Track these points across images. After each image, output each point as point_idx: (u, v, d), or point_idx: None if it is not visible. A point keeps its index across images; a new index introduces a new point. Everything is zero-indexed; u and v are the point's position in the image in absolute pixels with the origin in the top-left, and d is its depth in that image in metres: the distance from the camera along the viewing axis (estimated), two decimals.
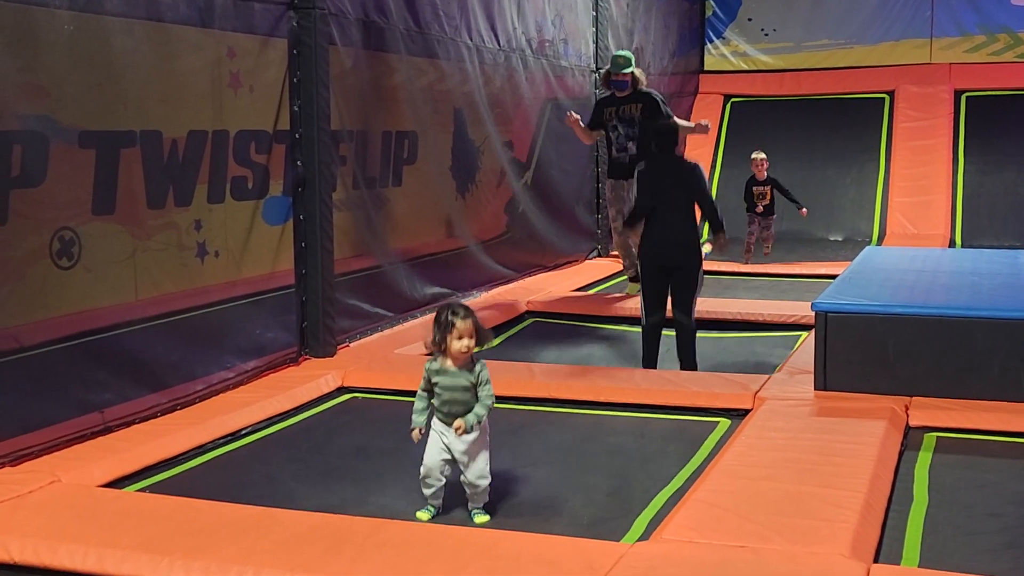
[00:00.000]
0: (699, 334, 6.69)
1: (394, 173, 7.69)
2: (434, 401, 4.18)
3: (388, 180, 7.63)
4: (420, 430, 4.14)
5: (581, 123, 8.54)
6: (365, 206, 7.26)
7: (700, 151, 13.25)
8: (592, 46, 10.84)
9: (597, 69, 10.91)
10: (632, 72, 8.45)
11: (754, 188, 10.56)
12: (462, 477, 4.18)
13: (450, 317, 4.07)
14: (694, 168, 6.54)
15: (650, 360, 6.54)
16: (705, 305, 7.40)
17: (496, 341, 7.47)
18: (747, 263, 10.43)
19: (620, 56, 8.53)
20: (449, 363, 4.12)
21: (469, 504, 4.22)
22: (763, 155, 10.55)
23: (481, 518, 4.17)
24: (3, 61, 4.52)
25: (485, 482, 4.17)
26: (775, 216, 10.71)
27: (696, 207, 6.44)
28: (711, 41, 14.35)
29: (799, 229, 12.59)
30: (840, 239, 12.23)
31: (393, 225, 7.68)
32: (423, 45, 7.86)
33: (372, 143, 7.38)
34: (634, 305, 8.26)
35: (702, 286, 6.57)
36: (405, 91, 7.68)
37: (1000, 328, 5.48)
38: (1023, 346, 5.41)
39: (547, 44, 9.50)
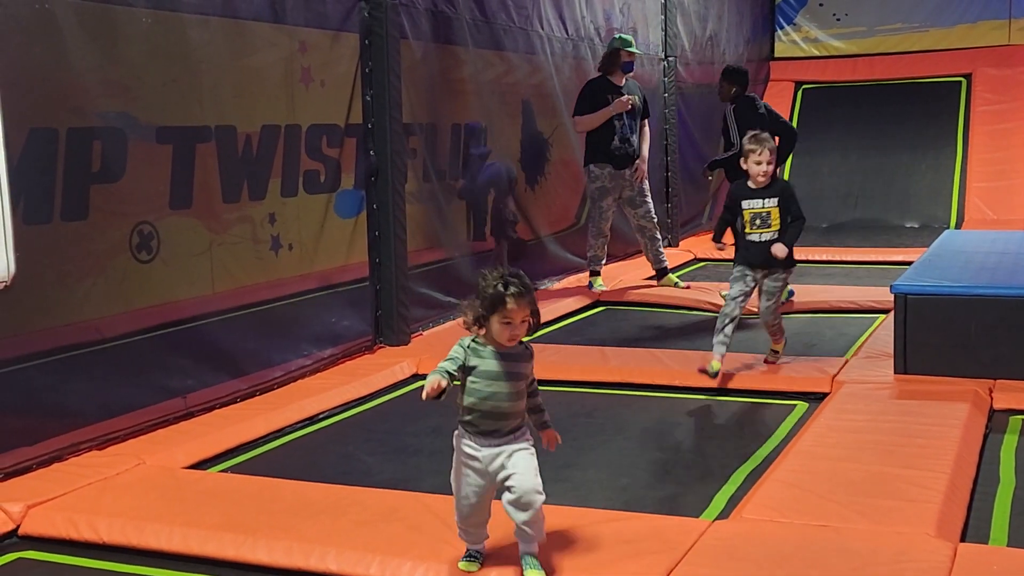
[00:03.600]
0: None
1: (464, 165, 7.72)
2: (465, 401, 3.15)
3: (458, 172, 7.66)
4: (441, 382, 3.05)
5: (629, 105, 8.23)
6: (436, 198, 7.30)
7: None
8: (661, 34, 10.77)
9: (666, 57, 10.84)
10: (635, 56, 8.34)
11: None
12: (507, 499, 3.17)
13: (501, 290, 3.06)
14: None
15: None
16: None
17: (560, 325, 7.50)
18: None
19: (629, 37, 8.39)
20: (490, 348, 3.14)
21: (520, 546, 3.26)
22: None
23: (535, 573, 3.20)
24: (84, 58, 4.62)
25: (540, 499, 3.18)
26: None
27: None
28: (781, 27, 14.18)
29: (874, 217, 12.42)
30: (916, 226, 12.02)
31: (464, 217, 7.71)
32: (490, 36, 7.87)
33: (441, 136, 7.42)
34: (699, 296, 8.22)
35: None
36: (473, 83, 7.70)
37: None
38: None
39: (615, 32, 9.45)
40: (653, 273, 9.39)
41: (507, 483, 3.14)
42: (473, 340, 3.16)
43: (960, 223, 11.84)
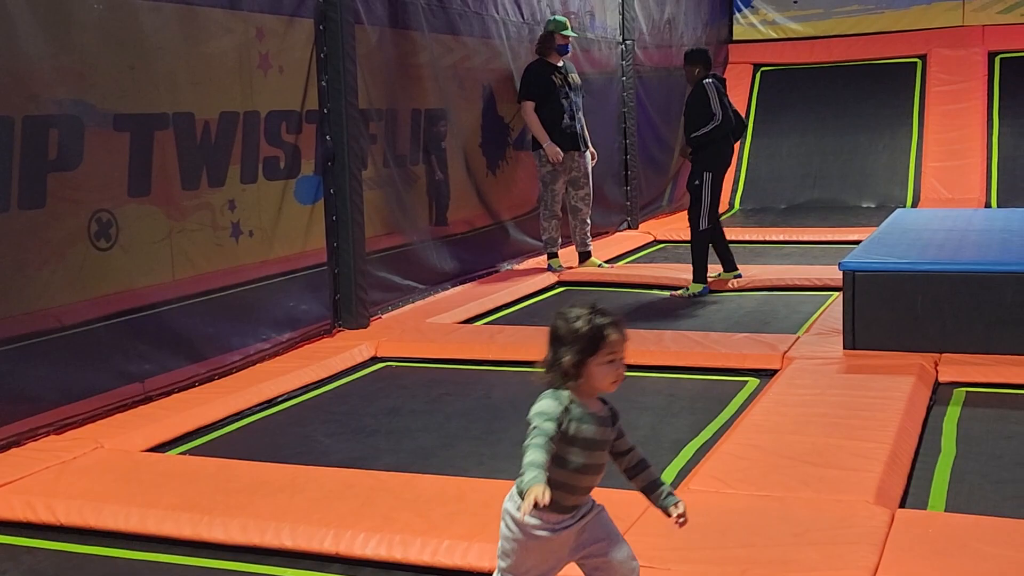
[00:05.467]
0: (730, 294, 7.03)
1: (424, 151, 7.78)
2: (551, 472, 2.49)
3: (418, 158, 7.72)
4: (546, 494, 2.39)
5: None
6: (395, 183, 7.35)
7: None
8: (619, 17, 10.84)
9: (624, 41, 10.92)
10: (572, 39, 8.46)
11: None
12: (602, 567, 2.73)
13: (599, 323, 2.56)
14: None
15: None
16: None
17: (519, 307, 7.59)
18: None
19: (564, 19, 8.53)
20: (582, 408, 2.60)
21: None
22: None
23: None
24: (38, 46, 4.64)
25: (637, 564, 2.79)
26: None
27: None
28: (739, 11, 14.28)
29: (832, 197, 12.58)
30: (873, 206, 12.18)
31: (423, 202, 7.78)
32: (446, 21, 7.92)
33: (400, 121, 7.47)
34: (661, 273, 8.36)
35: None
36: (431, 68, 7.75)
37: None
38: None
39: (573, 16, 9.52)
40: (615, 255, 9.52)
41: (605, 557, 2.72)
42: (560, 392, 2.60)
43: (916, 202, 12.03)
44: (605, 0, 10.57)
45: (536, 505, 2.37)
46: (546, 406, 2.57)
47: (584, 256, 8.80)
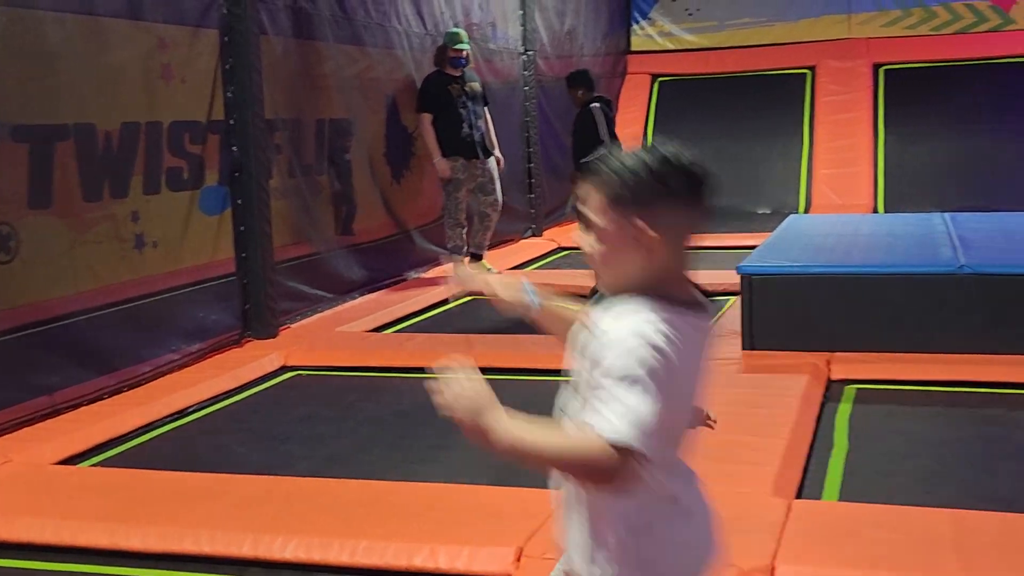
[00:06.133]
0: None
1: (329, 161, 7.82)
2: None
3: (324, 168, 7.76)
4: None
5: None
6: (302, 193, 7.39)
7: (630, 130, 13.50)
8: (520, 28, 11.02)
9: (526, 51, 11.10)
10: (468, 50, 8.62)
11: None
12: None
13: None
14: None
15: None
16: None
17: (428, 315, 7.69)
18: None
19: (459, 32, 8.69)
20: None
21: None
22: None
23: None
24: None
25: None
26: None
27: None
28: (637, 22, 14.59)
29: (729, 204, 12.90)
30: (768, 212, 12.54)
31: (329, 212, 7.82)
32: (350, 31, 7.99)
33: (306, 131, 7.51)
34: (565, 280, 8.50)
35: None
36: (336, 78, 7.81)
37: (914, 283, 5.77)
38: (935, 299, 5.70)
39: (475, 27, 9.66)
40: (519, 262, 9.67)
41: None
42: None
43: (809, 208, 12.43)
44: (507, 11, 10.73)
45: None
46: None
47: (476, 257, 8.92)
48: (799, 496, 4.00)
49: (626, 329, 1.72)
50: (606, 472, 1.65)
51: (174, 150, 6.12)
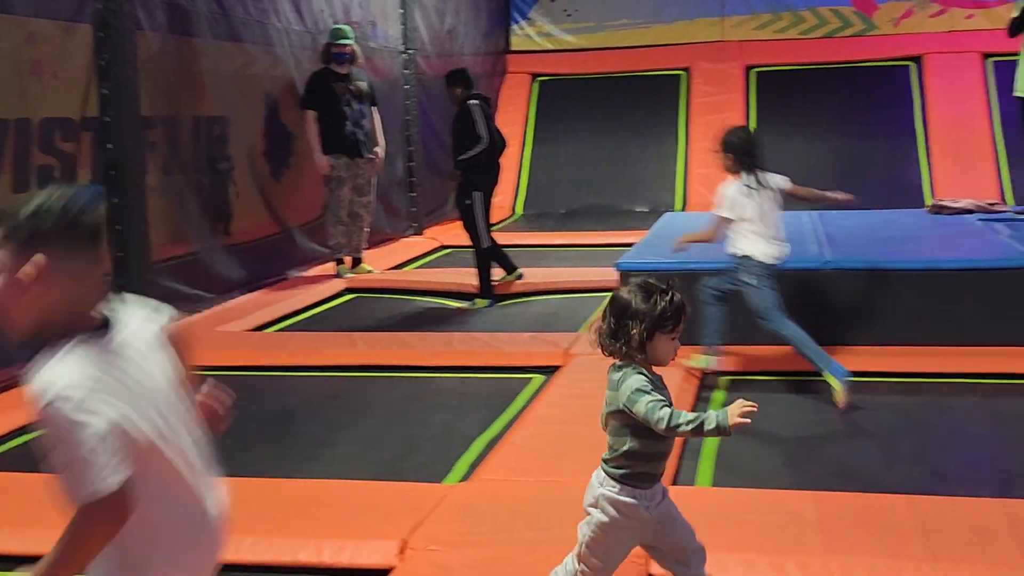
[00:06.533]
0: (516, 301, 7.30)
1: (207, 158, 7.73)
2: (639, 446, 2.73)
3: (202, 166, 7.67)
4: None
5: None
6: (179, 191, 7.29)
7: (511, 128, 13.63)
8: (400, 27, 11.04)
9: (406, 50, 11.12)
10: (353, 46, 8.65)
11: None
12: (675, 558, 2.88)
13: (677, 300, 2.71)
14: None
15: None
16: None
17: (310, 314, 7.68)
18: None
19: (342, 28, 8.71)
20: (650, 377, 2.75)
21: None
22: None
23: None
24: None
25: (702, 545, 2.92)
26: None
27: None
28: (516, 22, 14.74)
29: (607, 202, 13.16)
30: (646, 210, 12.80)
31: (208, 210, 7.73)
32: (228, 28, 7.91)
33: (183, 129, 7.41)
34: (447, 278, 8.59)
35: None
36: (213, 76, 7.73)
37: (784, 278, 5.94)
38: (803, 293, 5.93)
39: (355, 25, 9.64)
40: (401, 261, 9.70)
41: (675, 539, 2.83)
42: (635, 366, 2.74)
43: (685, 206, 12.74)
44: (387, 10, 10.74)
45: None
46: (638, 381, 2.70)
47: (356, 262, 8.93)
48: (674, 483, 4.15)
49: (42, 382, 1.78)
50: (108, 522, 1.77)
51: (45, 148, 5.99)
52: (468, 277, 8.40)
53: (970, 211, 7.73)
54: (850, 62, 13.54)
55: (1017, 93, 7.57)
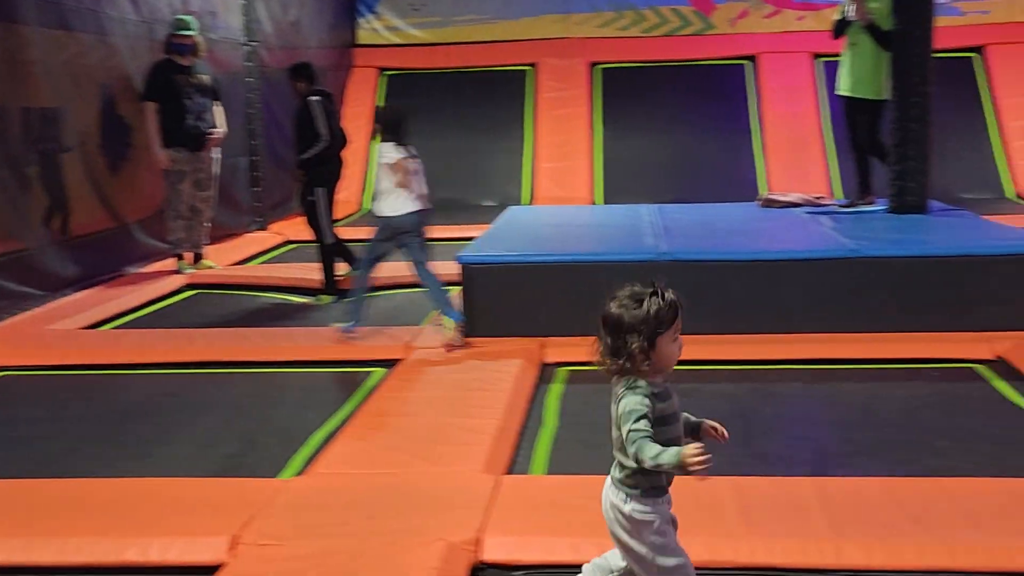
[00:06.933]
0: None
1: (38, 151, 7.46)
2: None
3: (32, 159, 7.39)
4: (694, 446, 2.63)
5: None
6: (7, 186, 7.02)
7: (358, 123, 13.55)
8: (242, 18, 10.84)
9: (249, 42, 10.94)
10: (196, 38, 8.52)
11: None
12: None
13: (671, 299, 2.71)
14: None
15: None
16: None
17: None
18: None
19: (185, 18, 8.57)
20: (654, 382, 2.72)
21: None
22: None
23: None
24: None
25: None
26: None
27: None
28: (363, 15, 14.65)
29: (456, 197, 13.21)
30: (495, 204, 12.89)
31: (38, 204, 7.46)
32: (58, 16, 7.64)
33: (10, 120, 7.12)
34: (292, 273, 8.50)
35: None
36: (43, 65, 7.45)
37: (620, 270, 6.11)
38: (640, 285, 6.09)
39: (194, 16, 9.42)
40: (245, 257, 9.55)
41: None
42: (635, 383, 2.68)
43: (532, 200, 12.89)
44: (228, 0, 10.53)
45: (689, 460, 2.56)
46: (633, 403, 2.65)
47: (197, 258, 8.76)
48: (509, 472, 4.22)
49: None
50: None
51: None
52: (313, 272, 8.34)
53: (798, 204, 8.06)
54: (690, 60, 13.93)
55: (839, 92, 7.93)
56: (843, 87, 7.84)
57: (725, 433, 2.86)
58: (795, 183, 11.47)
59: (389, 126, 6.22)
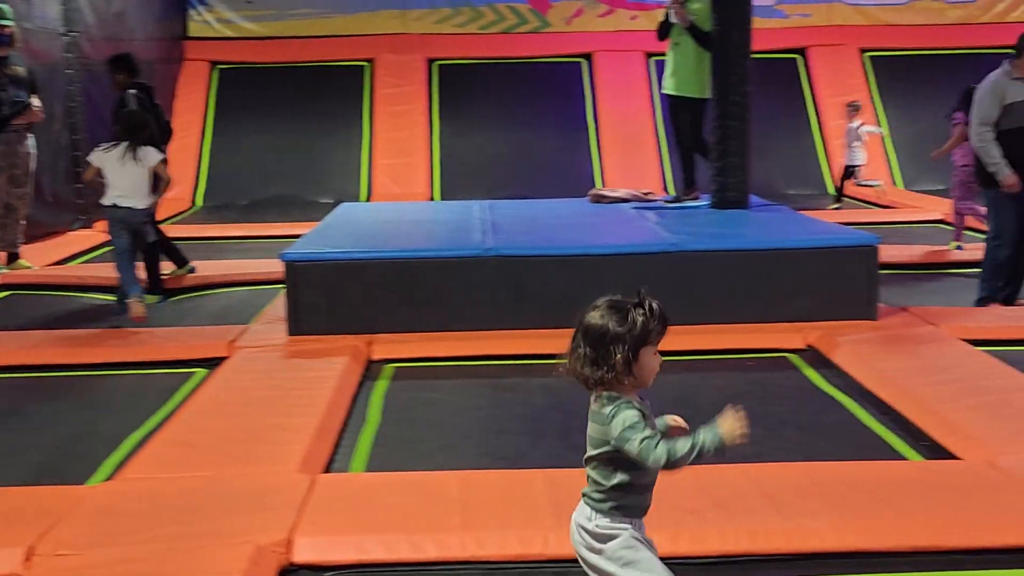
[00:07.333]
0: (189, 296, 7.49)
1: None
2: (629, 478, 2.59)
3: None
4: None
5: None
6: None
7: (189, 118, 13.23)
8: (60, 7, 10.41)
9: (68, 32, 10.52)
10: (13, 28, 8.22)
11: None
12: None
13: (657, 309, 2.55)
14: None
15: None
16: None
17: None
18: None
19: (1, 7, 8.26)
20: (634, 397, 2.59)
21: None
22: None
23: None
24: None
25: None
26: None
27: None
28: (194, 7, 14.27)
29: (293, 193, 13.02)
30: (332, 201, 12.73)
31: None
32: None
33: None
34: (116, 275, 8.20)
35: None
36: None
37: (446, 266, 6.16)
38: (466, 280, 6.12)
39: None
40: (65, 256, 9.19)
41: None
42: (620, 398, 2.54)
43: (370, 197, 12.82)
44: None
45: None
46: (630, 416, 2.51)
47: (12, 257, 8.39)
48: (328, 471, 4.18)
49: None
50: None
51: None
52: (138, 272, 8.07)
53: (626, 200, 8.22)
54: (527, 58, 14.08)
55: (665, 91, 8.12)
56: (668, 86, 8.02)
57: (684, 424, 2.76)
58: (630, 179, 11.72)
59: (124, 129, 6.73)
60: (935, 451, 4.35)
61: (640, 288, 2.60)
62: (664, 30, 7.95)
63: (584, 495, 2.65)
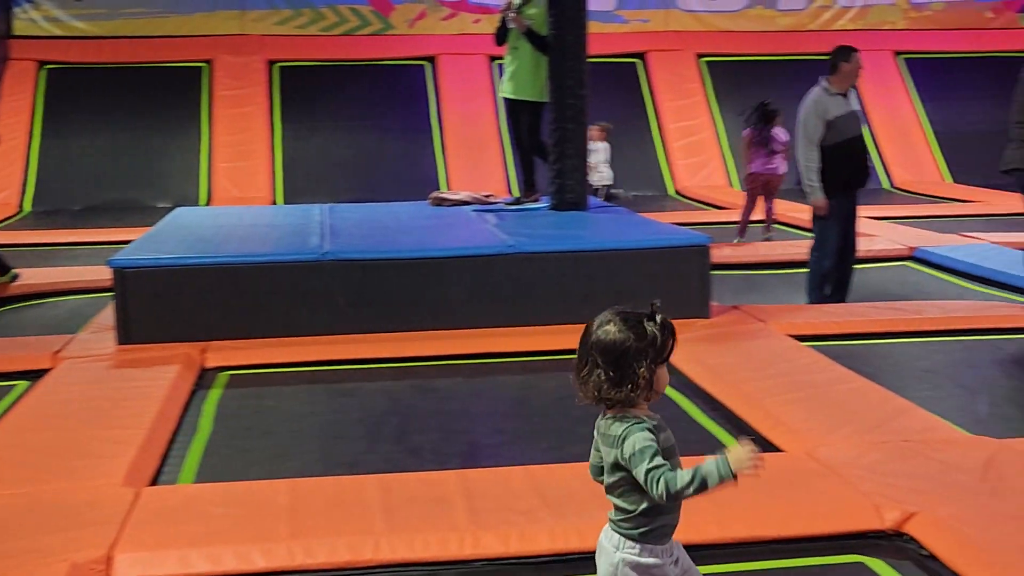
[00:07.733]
0: (13, 306, 7.17)
1: None
2: (648, 503, 2.43)
3: None
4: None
5: None
6: None
7: (14, 119, 12.71)
8: None
9: None
10: None
11: None
12: None
13: (667, 321, 2.42)
14: None
15: None
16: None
17: None
18: None
19: None
20: (650, 414, 2.46)
21: None
22: None
23: None
24: None
25: None
26: None
27: None
28: (19, 4, 13.70)
29: (129, 198, 12.63)
30: (170, 205, 12.40)
31: None
32: None
33: None
34: None
35: None
36: None
37: (282, 271, 6.06)
38: (301, 285, 6.03)
39: None
40: None
41: None
42: (633, 417, 2.40)
43: (210, 201, 12.53)
44: None
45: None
46: (641, 440, 2.35)
47: None
48: (154, 483, 4.05)
49: None
50: None
51: None
52: None
53: (467, 203, 8.24)
54: (370, 60, 14.01)
55: (503, 94, 8.18)
56: (506, 90, 8.08)
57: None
58: (475, 181, 11.77)
59: None
60: (759, 444, 4.48)
61: (653, 301, 2.45)
62: (502, 35, 8.01)
63: (611, 521, 2.49)
